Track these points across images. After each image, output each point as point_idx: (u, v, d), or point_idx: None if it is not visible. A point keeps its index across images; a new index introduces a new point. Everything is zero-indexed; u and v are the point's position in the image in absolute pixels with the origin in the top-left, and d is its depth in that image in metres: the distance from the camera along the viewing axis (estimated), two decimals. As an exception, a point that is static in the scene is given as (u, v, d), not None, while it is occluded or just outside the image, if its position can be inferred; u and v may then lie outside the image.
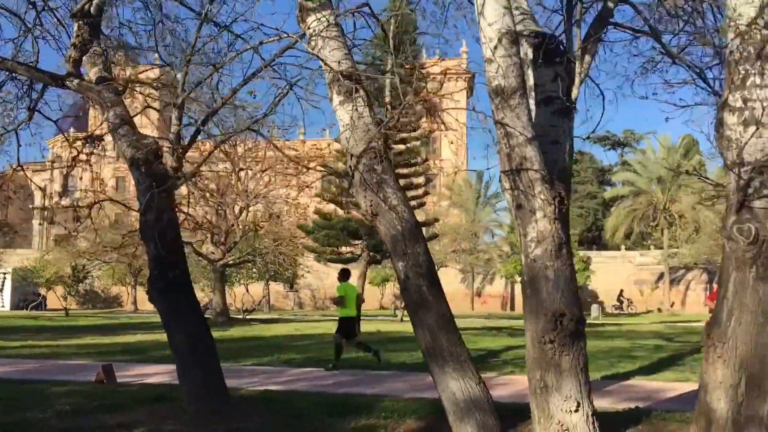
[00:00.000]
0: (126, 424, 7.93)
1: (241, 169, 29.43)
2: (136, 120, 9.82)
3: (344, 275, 15.41)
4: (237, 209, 31.13)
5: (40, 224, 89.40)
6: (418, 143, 24.38)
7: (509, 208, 9.70)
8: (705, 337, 7.14)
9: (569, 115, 7.69)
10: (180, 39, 9.95)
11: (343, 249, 25.57)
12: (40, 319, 40.39)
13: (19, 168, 10.41)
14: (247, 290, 45.40)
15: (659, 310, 58.61)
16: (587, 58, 8.04)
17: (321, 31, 8.24)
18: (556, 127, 7.59)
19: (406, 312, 26.14)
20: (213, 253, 33.47)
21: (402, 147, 24.02)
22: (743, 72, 7.10)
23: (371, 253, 24.55)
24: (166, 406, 8.96)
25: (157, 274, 8.89)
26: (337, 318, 15.01)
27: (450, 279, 69.31)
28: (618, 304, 60.25)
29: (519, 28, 7.88)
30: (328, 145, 28.18)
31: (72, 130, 27.13)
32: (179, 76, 10.14)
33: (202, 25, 9.46)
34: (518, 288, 62.94)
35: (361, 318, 21.02)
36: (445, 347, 7.58)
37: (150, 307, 52.17)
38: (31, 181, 11.89)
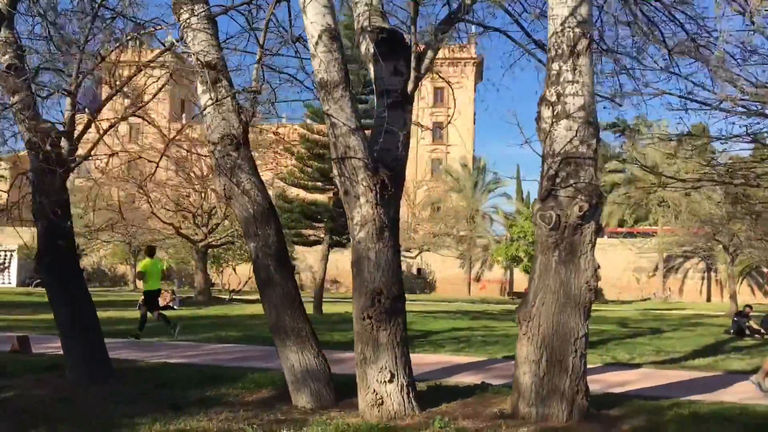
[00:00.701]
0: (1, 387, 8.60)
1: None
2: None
3: (150, 252, 16.94)
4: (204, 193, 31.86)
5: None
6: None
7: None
8: (516, 317, 7.66)
9: (405, 107, 8.15)
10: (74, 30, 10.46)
11: (308, 232, 26.15)
12: (35, 295, 41.33)
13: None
14: (234, 271, 46.16)
15: (645, 299, 58.76)
16: (430, 53, 8.49)
17: (192, 24, 8.73)
18: (391, 118, 8.04)
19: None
20: (195, 234, 34.25)
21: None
22: (557, 68, 7.55)
23: (333, 237, 25.12)
24: (52, 374, 9.59)
25: (44, 250, 9.50)
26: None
27: (449, 264, 69.88)
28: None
29: (364, 24, 8.38)
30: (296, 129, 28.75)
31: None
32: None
33: (97, 15, 9.97)
34: (517, 274, 63.28)
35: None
36: (287, 323, 8.14)
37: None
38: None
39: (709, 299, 62.24)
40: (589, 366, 11.91)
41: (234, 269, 45.48)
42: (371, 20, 8.32)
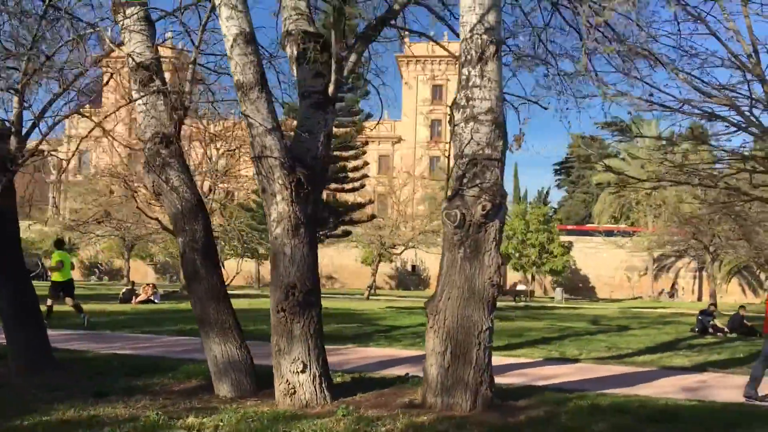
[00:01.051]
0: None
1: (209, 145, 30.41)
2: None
3: (59, 244, 17.94)
4: (207, 187, 32.14)
5: (53, 197, 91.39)
6: (352, 129, 25.18)
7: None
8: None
9: (327, 109, 8.46)
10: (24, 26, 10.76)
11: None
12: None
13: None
14: (223, 266, 46.51)
15: (635, 298, 59.03)
16: (353, 56, 8.80)
17: (129, 25, 9.05)
18: (312, 119, 8.37)
19: (373, 291, 26.96)
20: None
21: (338, 131, 24.83)
22: (467, 73, 7.87)
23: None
24: (-1, 363, 9.93)
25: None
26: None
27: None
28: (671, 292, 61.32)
29: (291, 27, 8.68)
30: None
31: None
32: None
33: (46, 12, 10.27)
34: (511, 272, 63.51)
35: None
36: (211, 315, 8.47)
37: (141, 279, 53.12)
38: (51, 153, 12.44)
39: (700, 298, 62.46)
40: (531, 360, 12.36)
41: (222, 264, 45.83)
42: (297, 24, 8.62)
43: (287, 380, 7.81)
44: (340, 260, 66.59)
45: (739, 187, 19.31)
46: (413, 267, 72.37)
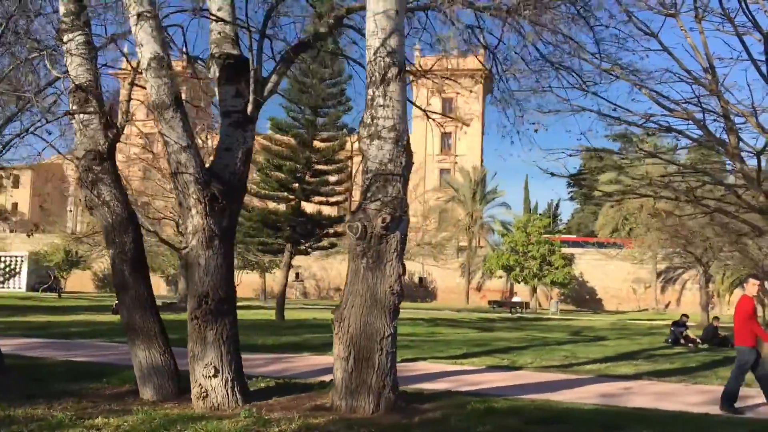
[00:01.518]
0: None
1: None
2: None
3: None
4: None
5: (70, 211, 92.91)
6: (335, 143, 25.70)
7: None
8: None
9: (246, 127, 8.93)
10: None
11: (269, 240, 26.91)
12: (35, 299, 42.56)
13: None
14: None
15: (642, 310, 58.91)
16: (275, 77, 9.29)
17: (71, 49, 9.58)
18: (231, 137, 8.85)
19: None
20: (181, 241, 35.28)
21: (322, 145, 25.39)
22: (372, 94, 8.33)
23: (293, 245, 25.90)
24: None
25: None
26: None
27: (450, 274, 70.60)
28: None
29: (215, 50, 9.18)
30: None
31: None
32: None
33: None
34: (517, 285, 63.62)
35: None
36: (138, 323, 8.96)
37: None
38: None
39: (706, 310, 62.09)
40: (474, 368, 12.73)
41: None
42: (221, 47, 9.12)
43: (200, 384, 8.25)
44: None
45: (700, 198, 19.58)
46: (420, 279, 72.71)
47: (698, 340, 20.07)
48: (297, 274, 74.76)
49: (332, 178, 25.84)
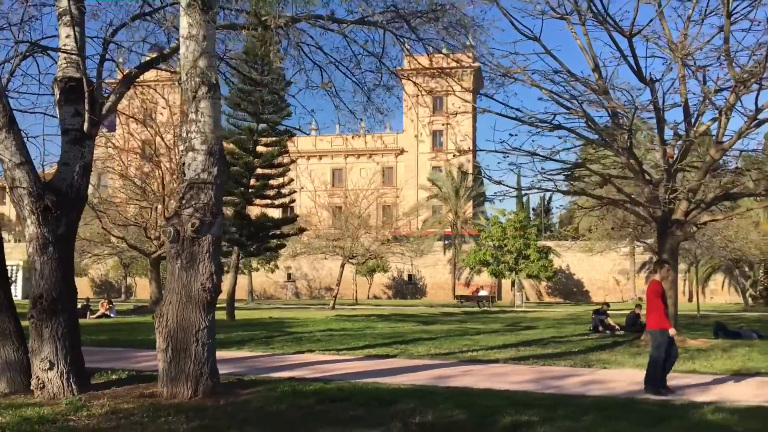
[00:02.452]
0: None
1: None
2: None
3: None
4: (159, 207, 33.85)
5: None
6: (275, 148, 26.63)
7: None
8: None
9: (83, 143, 9.85)
10: None
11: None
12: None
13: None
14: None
15: (624, 301, 59.49)
16: (113, 97, 10.22)
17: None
18: (70, 153, 9.77)
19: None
20: (149, 246, 36.38)
21: (263, 150, 26.34)
22: (186, 110, 9.24)
23: (240, 247, 26.84)
24: None
25: None
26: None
27: (440, 270, 71.61)
28: None
29: (59, 74, 10.11)
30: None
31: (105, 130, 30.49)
32: None
33: None
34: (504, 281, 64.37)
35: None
36: (-6, 322, 9.88)
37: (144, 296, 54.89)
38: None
39: (690, 299, 62.72)
40: (347, 357, 13.60)
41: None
42: (64, 71, 10.03)
43: (38, 376, 9.20)
44: (336, 273, 68.06)
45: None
46: (410, 276, 73.70)
47: (617, 327, 20.83)
48: (289, 275, 75.98)
49: (275, 182, 26.77)
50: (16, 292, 67.45)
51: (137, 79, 11.18)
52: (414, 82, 14.70)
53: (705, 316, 30.55)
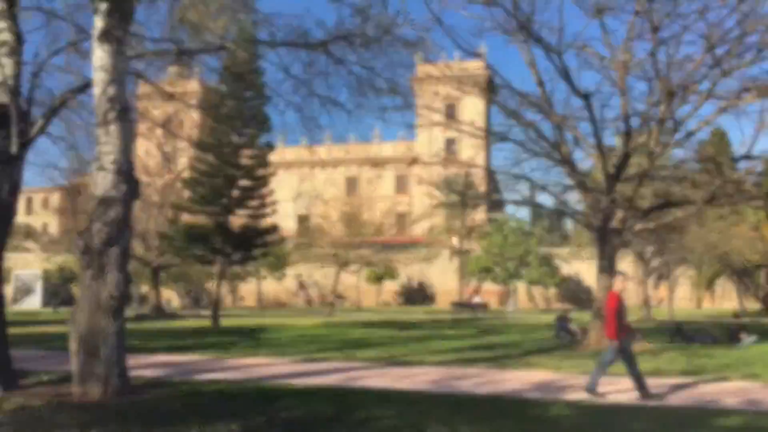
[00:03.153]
0: None
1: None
2: None
3: None
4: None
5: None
6: (254, 161, 27.59)
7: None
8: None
9: (12, 164, 10.77)
10: None
11: (200, 252, 28.53)
12: (38, 314, 44.97)
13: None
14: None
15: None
16: (41, 121, 11.14)
17: None
18: (-2, 174, 10.70)
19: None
20: (147, 255, 37.56)
21: (244, 162, 27.30)
22: (98, 132, 10.11)
23: (224, 256, 27.68)
24: None
25: None
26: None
27: (449, 277, 72.08)
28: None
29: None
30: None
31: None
32: None
33: None
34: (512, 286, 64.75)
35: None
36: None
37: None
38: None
39: (699, 306, 62.66)
40: (281, 361, 14.29)
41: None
42: (-4, 97, 10.97)
43: (-36, 377, 10.10)
44: (347, 280, 68.92)
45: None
46: (419, 283, 74.34)
47: (578, 332, 21.34)
48: (300, 283, 76.99)
49: (255, 193, 27.67)
50: (36, 302, 69.21)
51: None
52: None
53: (670, 321, 30.84)
